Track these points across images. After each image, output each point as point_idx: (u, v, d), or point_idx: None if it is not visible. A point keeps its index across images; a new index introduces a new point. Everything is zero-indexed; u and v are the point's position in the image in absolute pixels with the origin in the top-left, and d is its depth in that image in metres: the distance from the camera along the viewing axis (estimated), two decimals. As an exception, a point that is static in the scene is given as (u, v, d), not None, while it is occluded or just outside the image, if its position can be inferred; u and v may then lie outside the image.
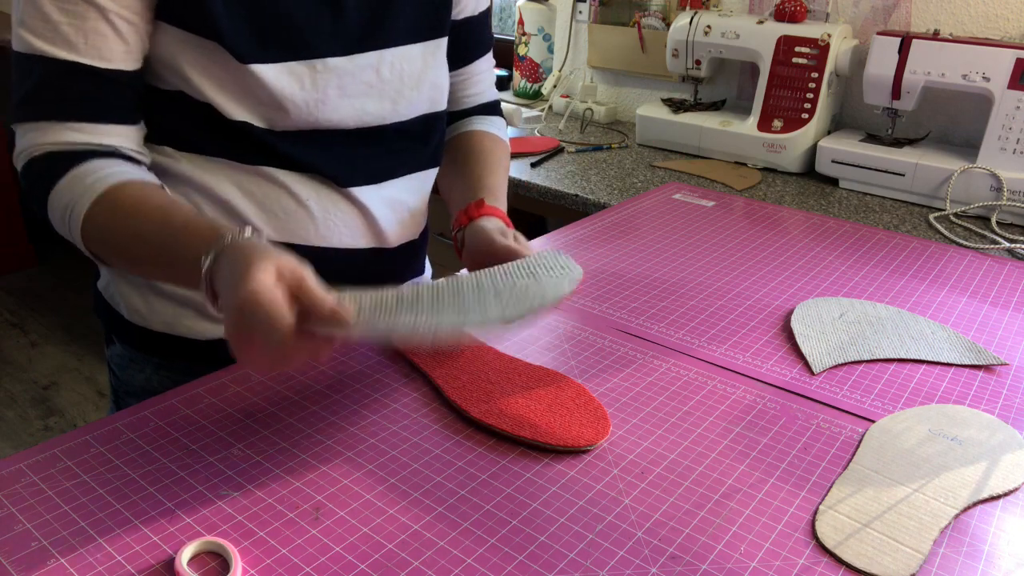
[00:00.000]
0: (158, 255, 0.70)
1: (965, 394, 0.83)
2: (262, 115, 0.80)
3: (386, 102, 0.87)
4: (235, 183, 0.83)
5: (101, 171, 0.73)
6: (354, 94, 0.84)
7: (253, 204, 0.83)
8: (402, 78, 0.87)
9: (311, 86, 0.80)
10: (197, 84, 0.78)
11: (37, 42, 0.72)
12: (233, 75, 0.77)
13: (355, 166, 0.87)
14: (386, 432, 0.74)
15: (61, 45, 0.72)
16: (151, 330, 0.88)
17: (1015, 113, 1.41)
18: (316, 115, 0.82)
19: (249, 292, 0.57)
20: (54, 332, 2.80)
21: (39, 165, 0.74)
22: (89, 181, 0.72)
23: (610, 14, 2.10)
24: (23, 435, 2.29)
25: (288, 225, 0.84)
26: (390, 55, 0.86)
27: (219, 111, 0.78)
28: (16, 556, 0.58)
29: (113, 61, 0.74)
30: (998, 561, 0.61)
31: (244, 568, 0.58)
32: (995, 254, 1.24)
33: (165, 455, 0.69)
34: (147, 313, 0.88)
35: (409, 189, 0.93)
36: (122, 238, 0.72)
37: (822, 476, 0.70)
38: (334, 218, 0.86)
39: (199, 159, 0.82)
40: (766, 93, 1.70)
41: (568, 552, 0.60)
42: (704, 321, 0.97)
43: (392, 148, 0.90)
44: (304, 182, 0.84)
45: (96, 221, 0.72)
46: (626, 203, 1.38)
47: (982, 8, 1.57)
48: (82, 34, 0.72)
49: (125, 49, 0.74)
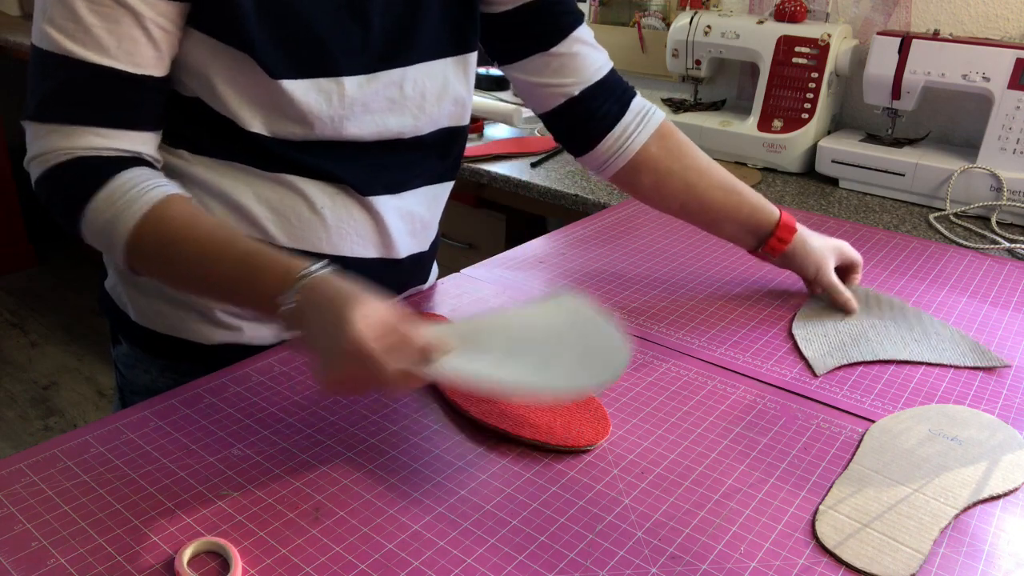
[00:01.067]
0: (218, 283, 0.70)
1: (965, 394, 0.83)
2: (284, 128, 0.79)
3: (407, 117, 0.86)
4: (250, 188, 0.82)
5: (141, 184, 0.72)
6: (376, 110, 0.84)
7: (268, 210, 0.83)
8: (424, 94, 0.87)
9: (337, 102, 0.80)
10: (221, 93, 0.77)
11: (66, 42, 0.70)
12: (261, 89, 0.77)
13: (373, 176, 0.86)
14: (386, 432, 0.73)
15: (92, 47, 0.70)
16: (157, 332, 0.88)
17: (1015, 113, 1.41)
18: (339, 129, 0.82)
19: (351, 345, 0.59)
20: (54, 332, 2.80)
21: (68, 172, 0.72)
22: (132, 195, 0.71)
23: (610, 14, 2.10)
24: (23, 435, 2.29)
25: (301, 232, 0.84)
26: (413, 72, 0.85)
27: (238, 122, 0.78)
28: (16, 556, 0.58)
29: (144, 67, 0.73)
30: (998, 561, 0.61)
31: (244, 568, 0.58)
32: (995, 254, 1.24)
33: (165, 455, 0.69)
34: (154, 316, 0.88)
35: (424, 201, 0.93)
36: (175, 261, 0.71)
37: (822, 476, 0.70)
38: (347, 226, 0.86)
39: (214, 163, 0.81)
40: (766, 93, 1.70)
41: (568, 552, 0.60)
42: (704, 321, 0.97)
43: (410, 160, 0.90)
44: (321, 189, 0.84)
45: (144, 240, 0.71)
46: (626, 203, 1.38)
47: (982, 8, 1.57)
48: (115, 38, 0.70)
49: (157, 55, 0.73)
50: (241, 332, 0.87)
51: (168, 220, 0.71)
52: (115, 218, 0.71)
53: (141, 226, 0.70)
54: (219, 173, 0.81)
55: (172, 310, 0.87)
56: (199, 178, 0.81)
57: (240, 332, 0.87)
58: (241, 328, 0.87)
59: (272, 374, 0.82)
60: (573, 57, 0.94)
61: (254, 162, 0.81)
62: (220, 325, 0.86)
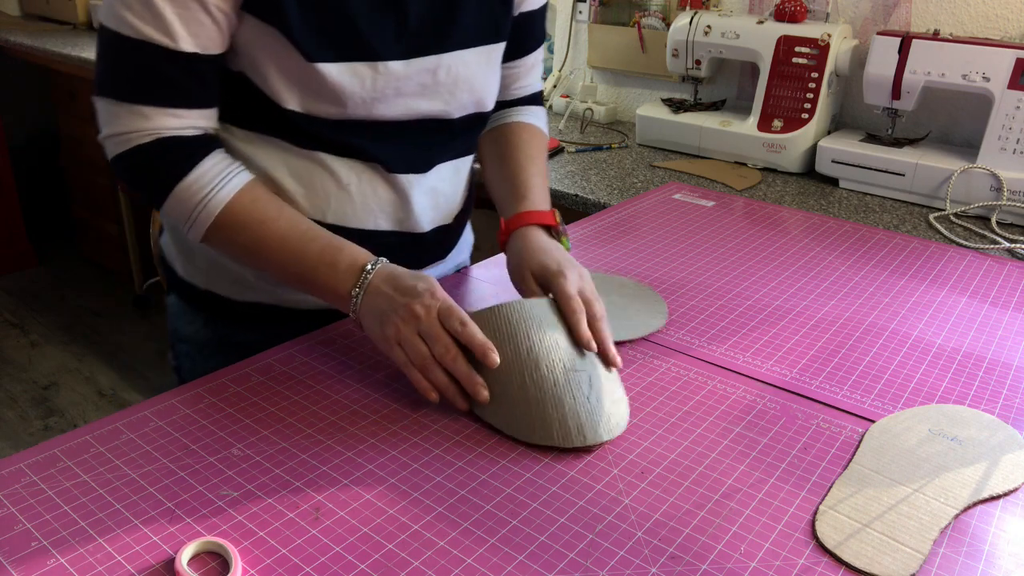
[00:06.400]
0: (298, 274, 0.82)
1: (965, 394, 0.83)
2: (319, 107, 0.84)
3: (437, 102, 0.90)
4: (284, 163, 0.87)
5: (226, 171, 0.82)
6: (408, 94, 0.88)
7: (299, 184, 0.88)
8: (456, 81, 0.90)
9: (371, 85, 0.84)
10: (263, 71, 0.82)
11: (142, 26, 0.76)
12: (299, 70, 0.81)
13: (400, 154, 0.91)
14: (386, 432, 0.74)
15: (164, 32, 0.76)
16: (199, 288, 0.96)
17: (1015, 113, 1.41)
18: (370, 110, 0.86)
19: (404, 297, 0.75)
20: (54, 332, 2.80)
21: (153, 153, 0.80)
22: (219, 181, 0.81)
23: (610, 14, 2.10)
24: (23, 435, 2.29)
25: (329, 205, 0.89)
26: (448, 59, 0.89)
27: (275, 99, 0.83)
28: (16, 556, 0.58)
29: (210, 48, 0.79)
30: (998, 561, 0.61)
31: (244, 568, 0.58)
32: (995, 254, 1.24)
33: (165, 455, 0.69)
34: (194, 273, 0.96)
35: (447, 176, 0.97)
36: (256, 249, 0.82)
37: (822, 476, 0.70)
38: (371, 202, 0.90)
39: (252, 136, 0.87)
40: (766, 93, 1.70)
41: (568, 552, 0.60)
42: (704, 321, 0.97)
43: (437, 141, 0.94)
44: (349, 167, 0.88)
45: (227, 223, 0.81)
46: (626, 203, 1.38)
47: (982, 8, 1.57)
48: (184, 23, 0.76)
49: (220, 37, 0.79)
50: (270, 294, 0.94)
51: (251, 207, 0.81)
52: (204, 200, 0.80)
53: (226, 213, 0.81)
54: (256, 146, 0.87)
55: (208, 270, 0.94)
56: (241, 152, 0.87)
57: (269, 294, 0.94)
58: (271, 290, 0.93)
59: (272, 374, 0.82)
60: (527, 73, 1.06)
61: (287, 137, 0.86)
62: (249, 287, 0.93)
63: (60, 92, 2.83)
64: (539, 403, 0.72)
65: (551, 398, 0.72)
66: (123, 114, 0.79)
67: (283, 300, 0.94)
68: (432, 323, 0.74)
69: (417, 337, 0.74)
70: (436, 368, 0.74)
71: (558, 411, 0.72)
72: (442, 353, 0.73)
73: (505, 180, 0.99)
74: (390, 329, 0.75)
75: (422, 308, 0.74)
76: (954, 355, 0.91)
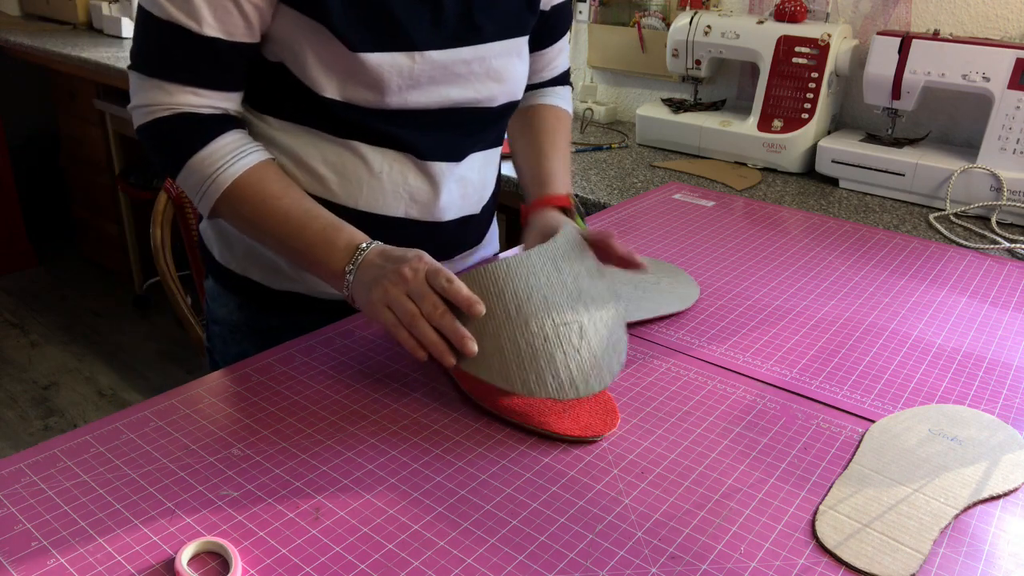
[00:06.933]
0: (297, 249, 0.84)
1: (965, 394, 0.83)
2: (356, 95, 0.87)
3: (470, 92, 0.94)
4: (319, 150, 0.91)
5: (240, 148, 0.85)
6: (443, 83, 0.91)
7: (333, 172, 0.91)
8: (488, 72, 0.94)
9: (408, 75, 0.87)
10: (302, 61, 0.85)
11: (171, 8, 0.80)
12: (340, 59, 0.84)
13: (433, 143, 0.94)
14: (386, 432, 0.74)
15: (190, 15, 0.80)
16: (234, 272, 1.00)
17: (1015, 113, 1.41)
18: (406, 98, 0.89)
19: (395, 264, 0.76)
20: (54, 332, 2.80)
21: (172, 126, 0.84)
22: (231, 157, 0.85)
23: (610, 14, 2.10)
24: (23, 435, 2.29)
25: (362, 192, 0.92)
26: (482, 50, 0.92)
27: (314, 87, 0.86)
28: (16, 556, 0.58)
29: (236, 35, 0.82)
30: (998, 561, 0.61)
31: (244, 568, 0.58)
32: (995, 254, 1.24)
33: (165, 455, 0.69)
34: (230, 259, 1.00)
35: (476, 166, 1.00)
36: (259, 222, 0.85)
37: (822, 476, 0.70)
38: (402, 190, 0.93)
39: (289, 125, 0.91)
40: (766, 93, 1.70)
41: (568, 552, 0.60)
42: (704, 321, 0.97)
43: (469, 130, 0.97)
44: (382, 155, 0.91)
45: (235, 197, 0.85)
46: (626, 203, 1.38)
47: (982, 8, 1.57)
48: (212, 8, 0.80)
49: (247, 26, 0.83)
50: (303, 283, 0.97)
51: (258, 186, 0.85)
52: (215, 174, 0.84)
53: (235, 187, 0.84)
54: (292, 135, 0.91)
55: (247, 256, 0.98)
56: (277, 140, 0.91)
57: (302, 283, 0.97)
58: (303, 280, 0.96)
59: (272, 374, 0.82)
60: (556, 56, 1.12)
61: (324, 126, 0.90)
62: (284, 276, 0.97)
63: (60, 92, 2.83)
64: (532, 359, 0.73)
65: (543, 353, 0.73)
66: (149, 88, 0.84)
67: (312, 289, 0.97)
68: (420, 283, 0.75)
69: (406, 297, 0.75)
70: (424, 325, 0.74)
71: (551, 366, 0.73)
72: (430, 311, 0.74)
73: (529, 168, 1.06)
74: (378, 292, 0.76)
75: (410, 270, 0.75)
76: (954, 355, 0.91)
